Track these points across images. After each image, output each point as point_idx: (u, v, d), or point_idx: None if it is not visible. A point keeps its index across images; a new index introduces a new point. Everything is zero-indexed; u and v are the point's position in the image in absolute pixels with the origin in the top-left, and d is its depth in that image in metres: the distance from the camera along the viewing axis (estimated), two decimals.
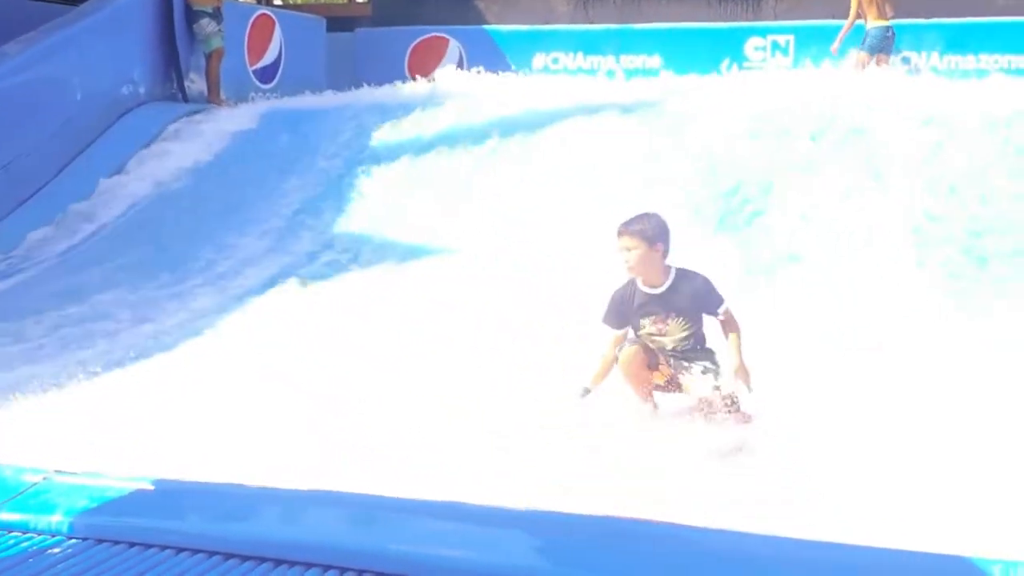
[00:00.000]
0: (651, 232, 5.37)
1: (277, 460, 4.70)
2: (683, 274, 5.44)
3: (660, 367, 5.46)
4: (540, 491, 4.44)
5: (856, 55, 13.39)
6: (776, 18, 15.00)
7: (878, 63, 13.30)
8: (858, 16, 13.41)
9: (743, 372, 5.32)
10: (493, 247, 9.38)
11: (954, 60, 13.98)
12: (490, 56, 15.12)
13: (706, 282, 5.44)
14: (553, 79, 14.39)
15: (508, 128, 11.31)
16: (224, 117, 12.24)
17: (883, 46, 13.29)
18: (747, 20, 15.13)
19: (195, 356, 6.84)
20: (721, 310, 5.38)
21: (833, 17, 14.00)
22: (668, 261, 5.44)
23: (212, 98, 12.94)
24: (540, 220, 9.70)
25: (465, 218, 9.98)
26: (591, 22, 15.68)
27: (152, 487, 3.40)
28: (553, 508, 3.65)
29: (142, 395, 5.92)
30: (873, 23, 13.27)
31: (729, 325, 5.39)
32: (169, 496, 3.42)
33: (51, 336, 7.39)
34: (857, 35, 13.40)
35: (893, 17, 13.46)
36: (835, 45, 13.51)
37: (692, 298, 5.40)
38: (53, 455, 3.99)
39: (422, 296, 8.25)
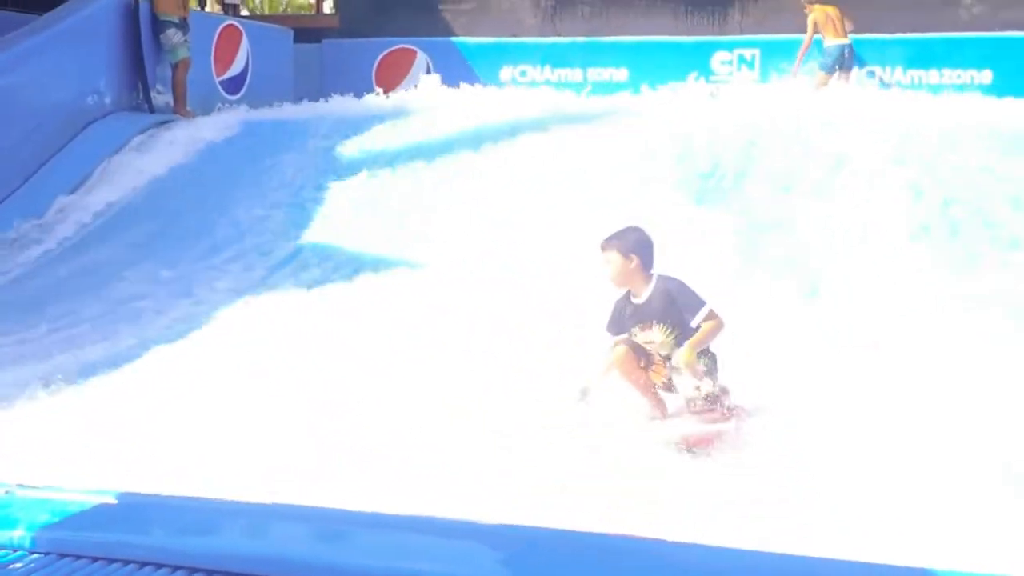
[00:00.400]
0: (624, 246, 5.55)
1: (277, 463, 4.72)
2: (661, 281, 5.56)
3: (655, 367, 5.59)
4: (539, 490, 4.49)
5: (816, 74, 13.59)
6: (742, 32, 15.11)
7: (839, 80, 13.48)
8: (818, 28, 13.61)
9: (686, 357, 5.38)
10: (478, 252, 9.37)
11: (917, 75, 14.13)
12: (458, 68, 15.14)
13: (680, 286, 5.54)
14: (521, 91, 14.42)
15: (478, 138, 11.33)
16: (190, 128, 12.18)
17: (842, 63, 13.47)
18: (714, 34, 15.23)
19: (170, 369, 6.81)
20: (700, 313, 5.44)
21: (798, 31, 14.13)
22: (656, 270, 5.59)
23: (178, 109, 12.88)
24: (520, 226, 9.70)
25: (445, 225, 9.97)
26: (559, 35, 15.74)
27: (115, 501, 3.38)
28: (546, 509, 3.68)
29: (113, 407, 5.89)
30: (831, 41, 13.47)
31: (709, 319, 5.45)
32: (132, 510, 3.39)
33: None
34: (818, 53, 13.61)
35: (853, 32, 13.63)
36: (795, 68, 13.73)
37: (668, 303, 5.50)
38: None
39: (410, 301, 8.25)
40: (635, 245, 5.56)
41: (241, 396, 5.98)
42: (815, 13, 13.69)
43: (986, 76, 13.75)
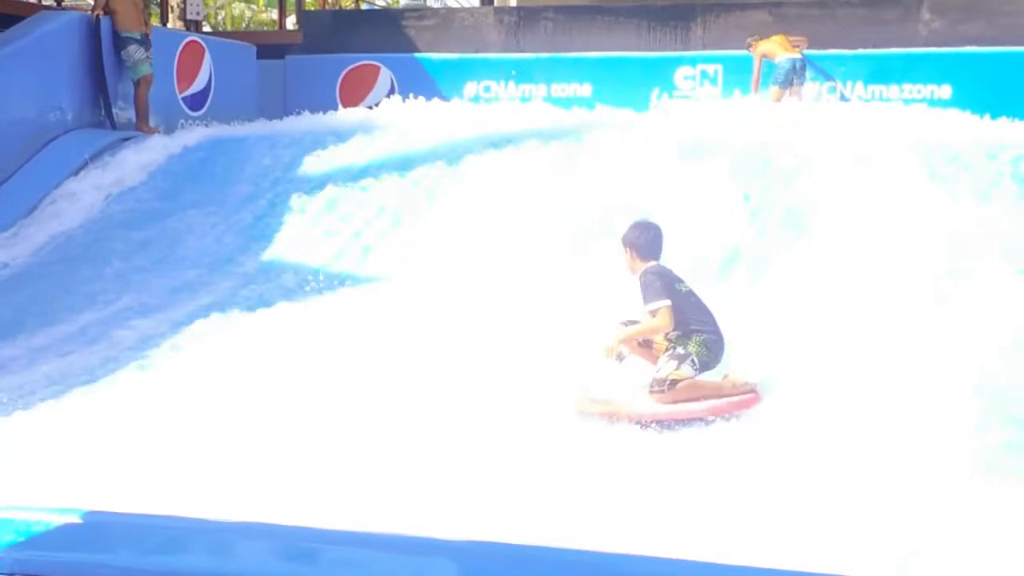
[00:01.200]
0: (624, 239, 6.56)
1: (240, 481, 4.72)
2: (643, 272, 6.39)
3: (654, 346, 6.43)
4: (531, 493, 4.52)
5: (771, 89, 13.79)
6: (705, 48, 15.20)
7: (791, 94, 13.67)
8: (766, 56, 13.85)
9: (607, 344, 6.32)
10: (446, 266, 9.38)
11: (878, 90, 14.27)
12: (422, 84, 15.15)
13: (643, 276, 6.36)
14: (485, 107, 14.46)
15: (443, 154, 11.36)
16: (152, 145, 12.12)
17: (794, 77, 13.67)
18: (677, 50, 15.31)
19: (130, 389, 6.76)
20: (650, 306, 6.21)
21: None
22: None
23: (140, 125, 12.82)
24: (487, 240, 9.73)
25: (412, 240, 9.99)
26: (522, 51, 15.78)
27: (80, 520, 3.34)
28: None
29: (69, 427, 5.85)
30: (782, 57, 13.70)
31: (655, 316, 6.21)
32: (97, 529, 3.36)
33: None
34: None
35: (814, 48, 13.83)
36: (753, 88, 13.92)
37: (642, 293, 6.30)
38: None
39: (376, 317, 8.23)
40: (632, 238, 6.50)
41: (211, 410, 5.97)
42: (760, 47, 13.96)
43: (945, 91, 13.90)
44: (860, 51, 14.34)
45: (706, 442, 5.57)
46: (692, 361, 6.14)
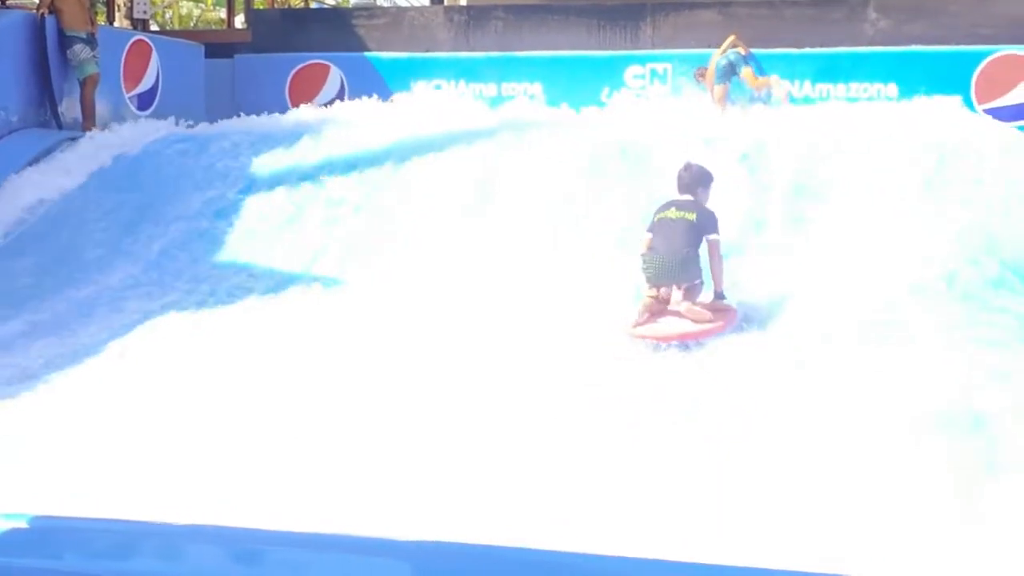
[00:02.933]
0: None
1: (194, 485, 4.68)
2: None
3: None
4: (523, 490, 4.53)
5: (715, 90, 13.96)
6: (654, 47, 15.26)
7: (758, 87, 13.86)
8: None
9: None
10: (400, 266, 9.37)
11: (826, 88, 14.40)
12: (372, 83, 15.10)
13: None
14: (435, 105, 14.43)
15: (394, 153, 11.33)
16: (98, 144, 11.99)
17: (730, 72, 13.85)
18: (626, 49, 15.35)
19: (76, 392, 6.69)
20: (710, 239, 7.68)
21: (708, 46, 14.39)
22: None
23: (87, 125, 12.68)
24: (440, 240, 9.74)
25: (365, 240, 9.95)
26: (473, 50, 15.75)
27: (25, 525, 3.30)
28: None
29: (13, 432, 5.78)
30: (719, 56, 13.90)
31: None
32: (43, 535, 3.32)
33: None
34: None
35: (763, 48, 13.98)
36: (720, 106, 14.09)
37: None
38: None
39: (330, 317, 8.22)
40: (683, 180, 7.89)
41: (162, 412, 5.92)
42: (707, 76, 14.12)
43: (892, 89, 14.05)
44: (808, 51, 14.46)
45: (706, 439, 5.55)
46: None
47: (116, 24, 16.61)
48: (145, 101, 14.21)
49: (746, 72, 13.91)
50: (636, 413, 5.88)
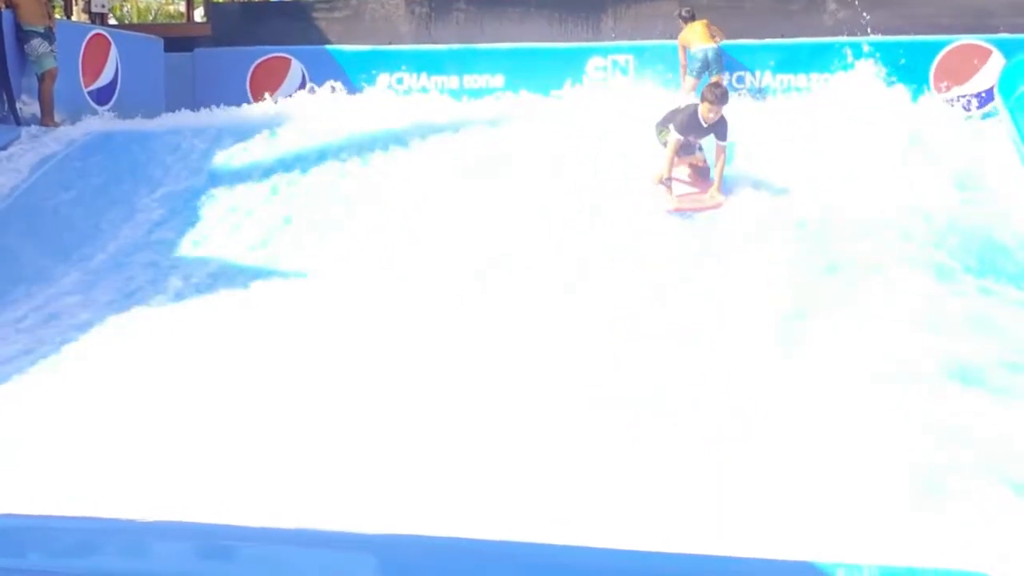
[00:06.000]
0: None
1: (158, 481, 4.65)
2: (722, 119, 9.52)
3: (695, 155, 9.89)
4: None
5: (685, 79, 13.97)
6: (615, 38, 15.28)
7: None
8: (685, 44, 14.03)
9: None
10: (365, 259, 9.34)
11: (787, 79, 14.49)
12: (333, 76, 15.02)
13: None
14: (397, 98, 14.42)
15: (356, 146, 11.32)
16: (55, 139, 11.88)
17: (708, 67, 13.81)
18: (588, 40, 15.37)
19: (38, 390, 6.64)
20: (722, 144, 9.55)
21: (670, 38, 14.43)
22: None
23: (46, 120, 12.56)
24: (407, 231, 9.72)
25: (330, 233, 9.92)
26: (434, 42, 15.72)
27: None
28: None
29: None
30: (696, 47, 13.87)
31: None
32: (5, 534, 3.30)
33: None
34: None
35: (724, 39, 13.97)
36: (682, 78, 14.08)
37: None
38: None
39: (294, 311, 8.19)
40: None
41: (124, 408, 5.88)
42: (681, 35, 14.11)
43: (851, 79, 14.11)
44: (768, 41, 14.53)
45: (706, 440, 5.55)
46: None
47: (74, 18, 16.48)
48: (104, 95, 14.09)
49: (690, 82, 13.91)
50: (636, 413, 5.86)
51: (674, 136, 9.60)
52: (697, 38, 13.94)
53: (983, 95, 13.62)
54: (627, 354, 6.99)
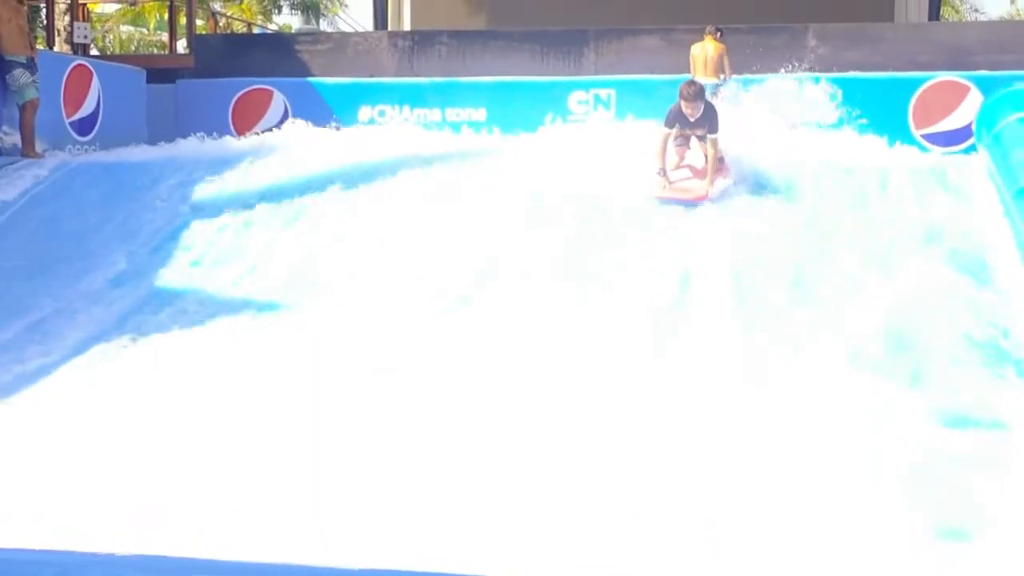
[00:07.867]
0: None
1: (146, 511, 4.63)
2: (709, 107, 10.45)
3: (689, 147, 10.76)
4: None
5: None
6: (597, 73, 15.36)
7: None
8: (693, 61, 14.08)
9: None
10: (346, 292, 9.32)
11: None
12: (315, 109, 15.05)
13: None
14: (379, 131, 14.45)
15: (339, 178, 11.35)
16: (37, 170, 11.86)
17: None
18: (570, 75, 15.45)
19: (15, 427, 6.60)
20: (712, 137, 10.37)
21: (651, 72, 14.51)
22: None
23: (27, 151, 12.53)
24: (386, 264, 9.72)
25: (310, 266, 9.91)
26: (417, 75, 15.77)
27: None
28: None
29: None
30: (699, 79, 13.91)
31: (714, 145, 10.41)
32: None
33: None
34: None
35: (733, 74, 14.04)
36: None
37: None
38: None
39: (277, 345, 8.17)
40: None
41: (119, 446, 5.87)
42: (693, 51, 14.08)
43: (832, 115, 14.21)
44: (747, 76, 14.63)
45: (706, 440, 5.57)
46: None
47: (56, 49, 16.49)
48: (86, 126, 14.08)
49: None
50: (636, 413, 5.88)
51: (661, 129, 10.44)
52: (702, 70, 13.89)
53: (961, 131, 13.73)
54: (628, 355, 7.07)
